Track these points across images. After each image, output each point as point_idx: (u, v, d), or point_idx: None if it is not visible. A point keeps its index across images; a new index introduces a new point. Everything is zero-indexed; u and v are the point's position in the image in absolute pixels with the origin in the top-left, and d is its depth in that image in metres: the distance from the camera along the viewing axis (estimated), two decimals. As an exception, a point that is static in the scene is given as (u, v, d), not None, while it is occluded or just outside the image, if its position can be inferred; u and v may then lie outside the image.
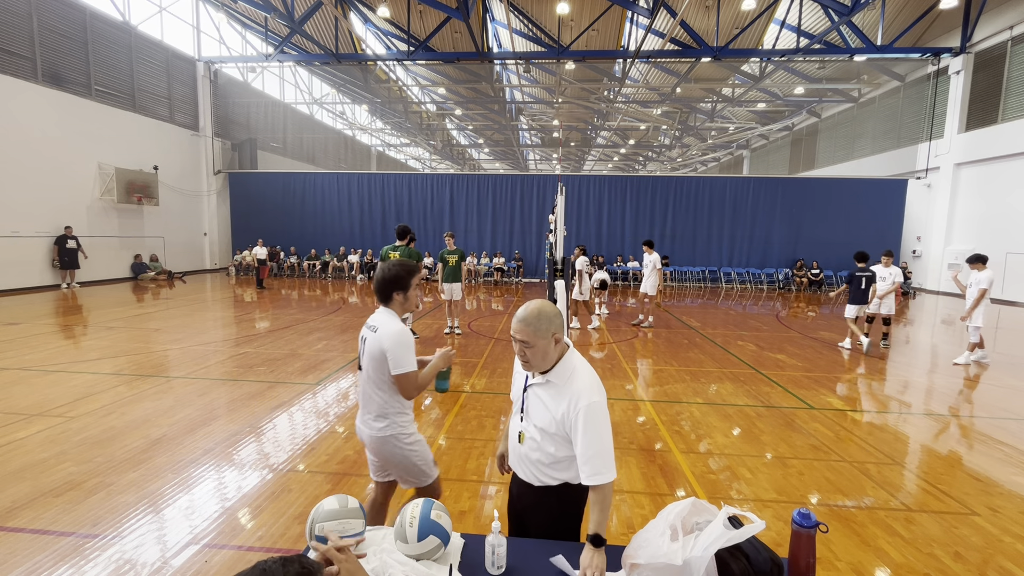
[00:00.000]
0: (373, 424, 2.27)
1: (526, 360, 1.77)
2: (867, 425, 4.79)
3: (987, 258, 7.34)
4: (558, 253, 4.55)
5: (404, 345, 2.15)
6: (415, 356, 2.20)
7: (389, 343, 2.15)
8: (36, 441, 4.02)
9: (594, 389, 1.75)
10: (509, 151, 37.28)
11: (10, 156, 12.49)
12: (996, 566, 2.70)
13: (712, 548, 1.28)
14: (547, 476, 1.82)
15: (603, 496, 1.66)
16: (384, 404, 2.25)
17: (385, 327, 2.19)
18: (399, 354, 2.14)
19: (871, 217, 17.67)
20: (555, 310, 1.77)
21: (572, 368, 1.79)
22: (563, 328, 1.79)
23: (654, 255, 9.75)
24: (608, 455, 1.68)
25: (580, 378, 1.76)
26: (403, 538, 1.57)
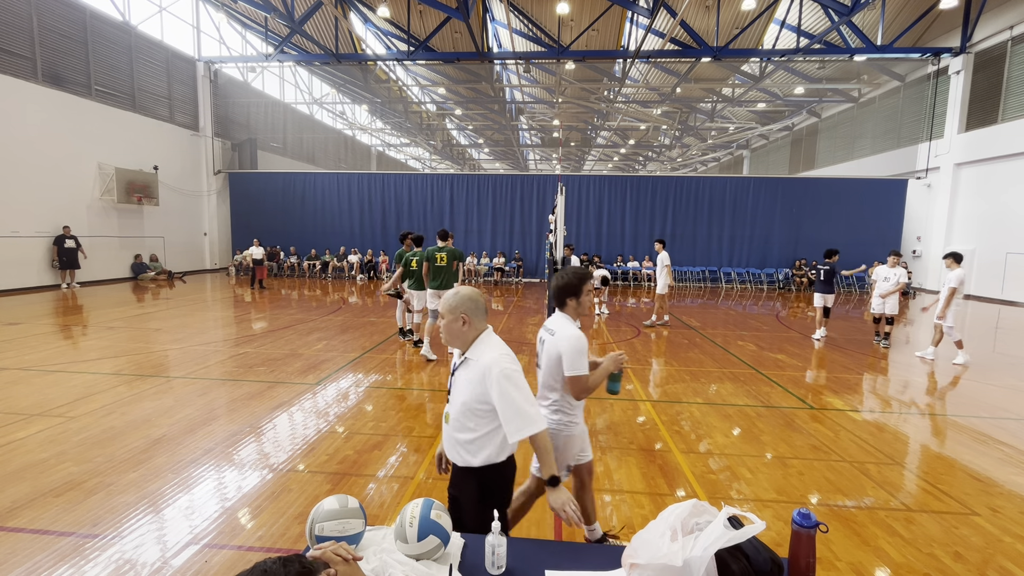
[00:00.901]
0: (549, 417, 2.40)
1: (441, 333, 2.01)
2: (867, 425, 4.79)
3: (962, 256, 7.37)
4: (558, 253, 4.55)
5: (578, 350, 2.28)
6: (588, 360, 2.32)
7: (565, 346, 2.29)
8: (36, 441, 4.02)
9: (505, 358, 1.88)
10: (509, 151, 37.28)
11: (10, 156, 12.49)
12: (996, 566, 2.70)
13: (712, 548, 1.28)
14: (469, 455, 1.93)
15: (538, 444, 1.86)
16: (556, 401, 2.41)
17: (562, 331, 2.35)
18: (573, 358, 2.27)
19: (871, 217, 17.68)
20: (473, 296, 1.96)
21: (486, 346, 1.94)
22: (476, 313, 1.95)
23: (663, 253, 9.75)
24: (527, 412, 1.83)
25: (492, 351, 1.91)
26: (403, 538, 1.57)
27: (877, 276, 8.51)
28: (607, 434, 4.44)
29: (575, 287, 2.40)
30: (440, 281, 7.23)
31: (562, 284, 2.42)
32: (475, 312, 1.95)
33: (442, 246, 7.36)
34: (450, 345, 2.01)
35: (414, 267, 7.46)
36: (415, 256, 7.53)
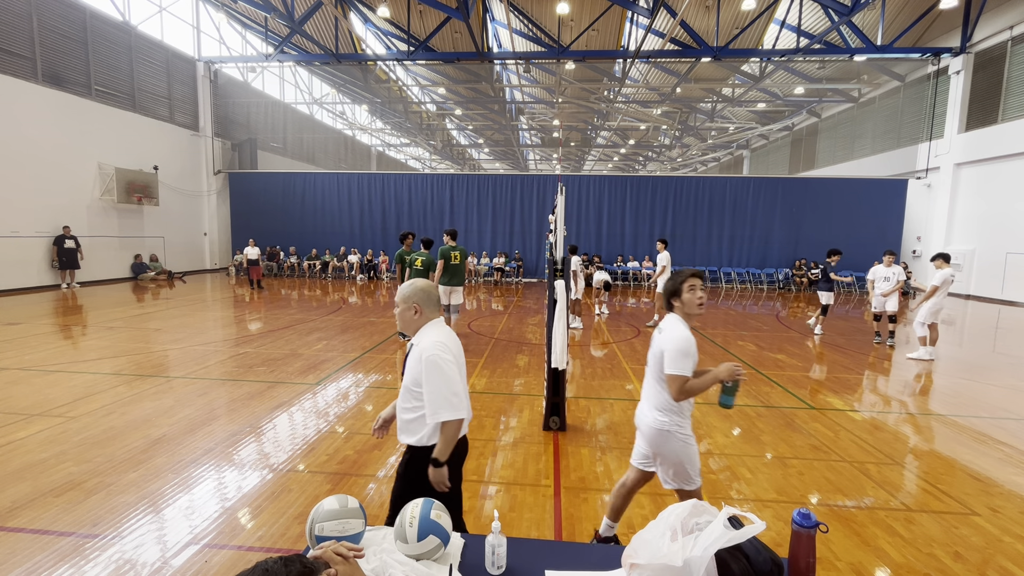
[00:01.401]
0: (654, 415, 2.46)
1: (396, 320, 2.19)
2: (867, 425, 4.79)
3: (949, 257, 7.63)
4: (558, 253, 4.54)
5: (681, 350, 2.31)
6: (692, 363, 2.33)
7: (669, 345, 2.35)
8: (36, 441, 4.02)
9: (438, 345, 2.00)
10: (509, 151, 37.28)
11: (10, 156, 12.49)
12: (996, 566, 2.70)
13: (712, 548, 1.28)
14: (407, 434, 2.10)
15: (446, 432, 1.98)
16: (664, 400, 2.43)
17: (669, 331, 2.40)
18: (674, 356, 2.32)
19: (871, 217, 17.68)
20: (427, 289, 2.13)
21: (428, 333, 2.08)
22: (427, 304, 2.11)
23: (664, 253, 9.75)
24: (446, 399, 1.95)
25: (430, 338, 2.05)
26: (403, 538, 1.57)
27: (876, 276, 8.51)
28: (607, 434, 4.44)
29: (677, 288, 2.47)
30: (456, 278, 7.62)
31: (667, 287, 2.52)
32: (427, 303, 2.11)
33: (455, 244, 7.68)
34: (403, 331, 2.16)
35: (419, 266, 7.51)
36: (421, 256, 7.57)
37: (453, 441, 2.00)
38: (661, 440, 2.43)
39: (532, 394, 5.54)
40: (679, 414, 2.43)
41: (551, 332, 4.36)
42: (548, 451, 4.05)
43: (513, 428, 4.54)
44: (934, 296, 7.42)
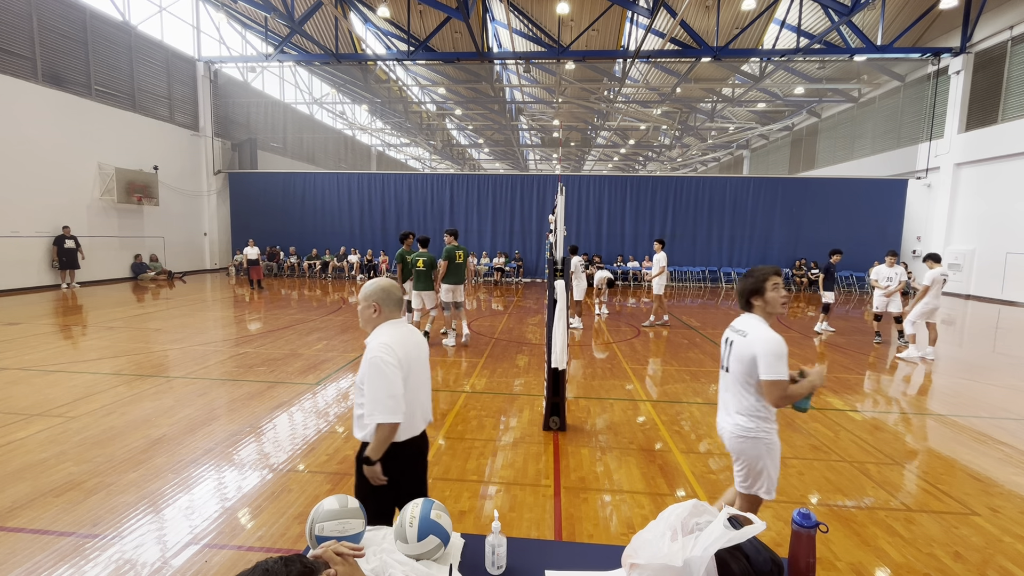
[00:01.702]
0: (737, 420, 2.34)
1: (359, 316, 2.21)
2: (867, 425, 4.79)
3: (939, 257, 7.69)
4: (558, 253, 4.54)
5: (776, 353, 2.20)
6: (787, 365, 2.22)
7: (762, 348, 2.22)
8: (36, 441, 4.02)
9: (382, 347, 2.00)
10: (509, 151, 37.28)
11: (10, 156, 12.49)
12: (996, 566, 2.70)
13: (712, 548, 1.28)
14: (358, 428, 2.09)
15: (379, 433, 1.98)
16: (750, 405, 2.31)
17: (756, 332, 2.27)
18: (770, 361, 2.19)
19: (871, 217, 17.68)
20: (387, 288, 2.14)
21: (379, 333, 2.09)
22: (386, 303, 2.13)
23: (661, 254, 9.74)
24: (382, 402, 1.96)
25: (378, 338, 2.05)
26: (403, 538, 1.57)
27: (879, 276, 8.49)
28: (607, 434, 4.44)
29: (759, 286, 2.34)
30: (459, 277, 7.67)
31: (745, 286, 2.38)
32: (386, 302, 2.13)
33: (457, 244, 7.74)
34: (363, 327, 2.20)
35: (421, 267, 7.53)
36: (422, 256, 7.58)
37: (386, 442, 2.00)
38: (747, 446, 2.32)
39: (532, 394, 5.54)
40: (767, 419, 2.31)
41: (551, 332, 4.36)
42: (548, 451, 4.05)
43: (513, 428, 4.54)
44: (925, 296, 7.48)
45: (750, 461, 2.33)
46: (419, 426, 2.17)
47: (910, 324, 7.59)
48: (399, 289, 2.20)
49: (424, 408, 2.21)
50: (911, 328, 7.57)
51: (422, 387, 2.19)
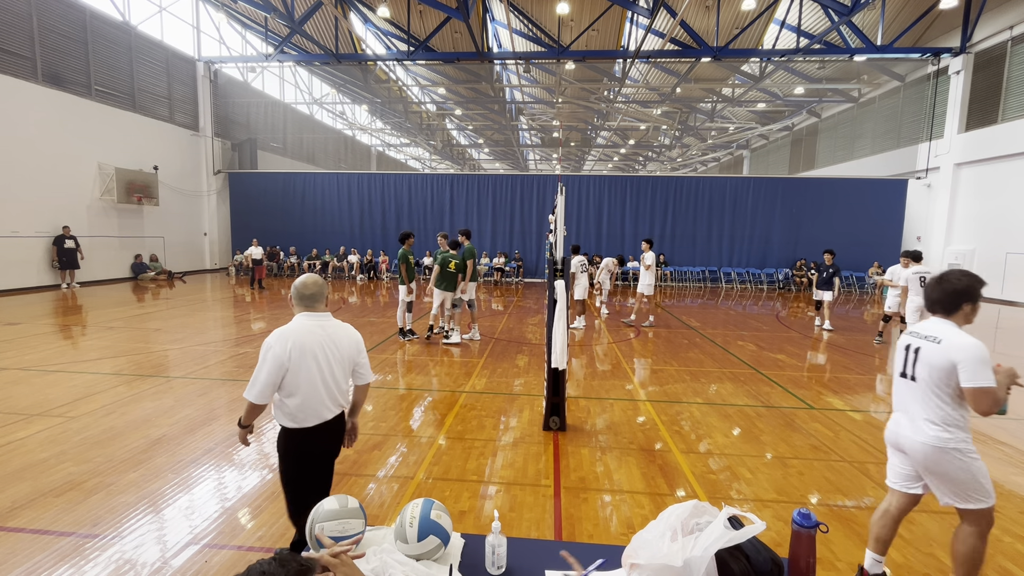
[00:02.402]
0: (934, 432, 2.20)
1: None
2: (867, 425, 4.79)
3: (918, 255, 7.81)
4: (558, 253, 4.54)
5: (982, 359, 2.10)
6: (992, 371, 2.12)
7: (964, 356, 2.11)
8: (36, 441, 4.02)
9: (274, 335, 2.24)
10: (509, 151, 37.28)
11: (10, 156, 12.49)
12: (996, 566, 2.70)
13: (712, 548, 1.28)
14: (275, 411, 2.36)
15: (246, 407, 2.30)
16: (948, 415, 2.19)
17: (953, 339, 2.16)
18: (976, 368, 2.09)
19: (871, 217, 17.68)
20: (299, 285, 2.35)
21: (291, 322, 2.33)
22: (297, 298, 2.35)
23: (649, 253, 9.74)
24: (255, 381, 2.23)
25: (284, 327, 2.29)
26: (403, 538, 1.57)
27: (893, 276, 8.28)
28: (607, 434, 4.44)
29: (975, 291, 2.21)
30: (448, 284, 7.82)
31: (961, 287, 2.21)
32: (297, 297, 2.35)
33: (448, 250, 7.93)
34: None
35: (452, 269, 7.63)
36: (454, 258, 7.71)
37: (249, 413, 2.32)
38: (945, 459, 2.17)
39: (532, 394, 5.54)
40: (964, 428, 2.18)
41: (551, 332, 4.36)
42: (548, 451, 4.05)
43: (513, 428, 4.54)
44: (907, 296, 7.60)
45: (955, 475, 2.18)
46: (326, 413, 2.34)
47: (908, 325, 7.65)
48: (316, 285, 2.36)
49: (332, 395, 2.35)
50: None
51: (327, 378, 2.31)
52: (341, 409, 2.43)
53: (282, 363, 2.19)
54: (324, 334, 2.31)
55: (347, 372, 2.43)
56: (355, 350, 2.45)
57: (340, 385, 2.38)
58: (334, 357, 2.33)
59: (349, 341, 2.42)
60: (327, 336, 2.32)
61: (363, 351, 2.52)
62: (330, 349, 2.32)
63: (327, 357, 2.30)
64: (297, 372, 2.22)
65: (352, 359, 2.43)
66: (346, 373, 2.42)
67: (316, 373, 2.26)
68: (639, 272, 10.12)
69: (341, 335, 2.39)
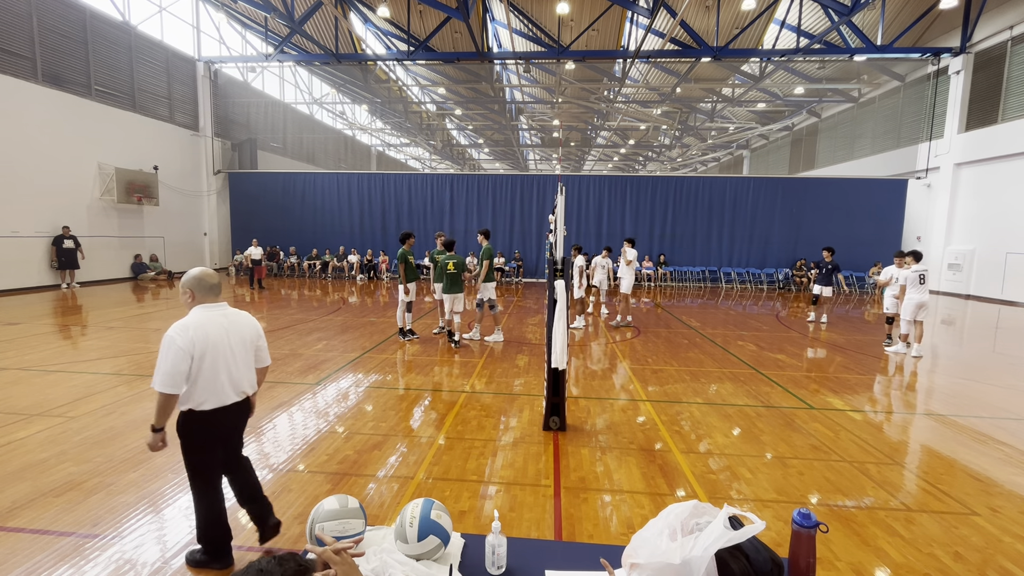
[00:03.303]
0: None
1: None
2: (867, 425, 4.79)
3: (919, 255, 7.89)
4: (558, 253, 4.54)
5: None
6: None
7: None
8: (36, 441, 4.02)
9: (175, 327, 2.29)
10: (509, 151, 37.28)
11: (10, 156, 12.49)
12: (996, 566, 2.70)
13: (712, 548, 1.28)
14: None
15: (158, 400, 2.28)
16: None
17: None
18: None
19: (871, 217, 17.68)
20: (200, 277, 2.40)
21: (190, 315, 2.38)
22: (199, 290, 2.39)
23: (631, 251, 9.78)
24: (160, 373, 2.24)
25: (184, 319, 2.34)
26: (403, 538, 1.57)
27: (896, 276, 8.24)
28: (607, 434, 4.44)
29: None
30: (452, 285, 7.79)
31: None
32: (198, 289, 2.40)
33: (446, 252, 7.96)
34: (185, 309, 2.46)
35: (451, 269, 7.60)
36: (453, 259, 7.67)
37: (161, 409, 2.29)
38: None
39: (532, 394, 5.54)
40: None
41: (551, 332, 4.36)
42: (548, 451, 4.05)
43: (513, 428, 4.54)
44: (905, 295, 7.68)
45: None
46: (228, 400, 2.42)
47: (905, 323, 7.71)
48: (214, 278, 2.45)
49: (236, 382, 2.45)
50: (906, 327, 7.71)
51: (231, 364, 2.41)
52: (245, 395, 2.53)
53: (187, 353, 2.27)
54: (227, 322, 2.43)
55: (250, 357, 2.56)
56: (255, 335, 2.58)
57: (243, 371, 2.50)
58: (237, 344, 2.46)
59: (249, 328, 2.56)
60: (230, 323, 2.44)
61: (262, 336, 2.65)
62: (233, 336, 2.44)
63: (230, 345, 2.42)
64: (201, 360, 2.31)
65: (253, 344, 2.57)
66: (249, 358, 2.54)
67: (220, 361, 2.37)
68: (639, 272, 10.12)
69: (242, 322, 2.52)
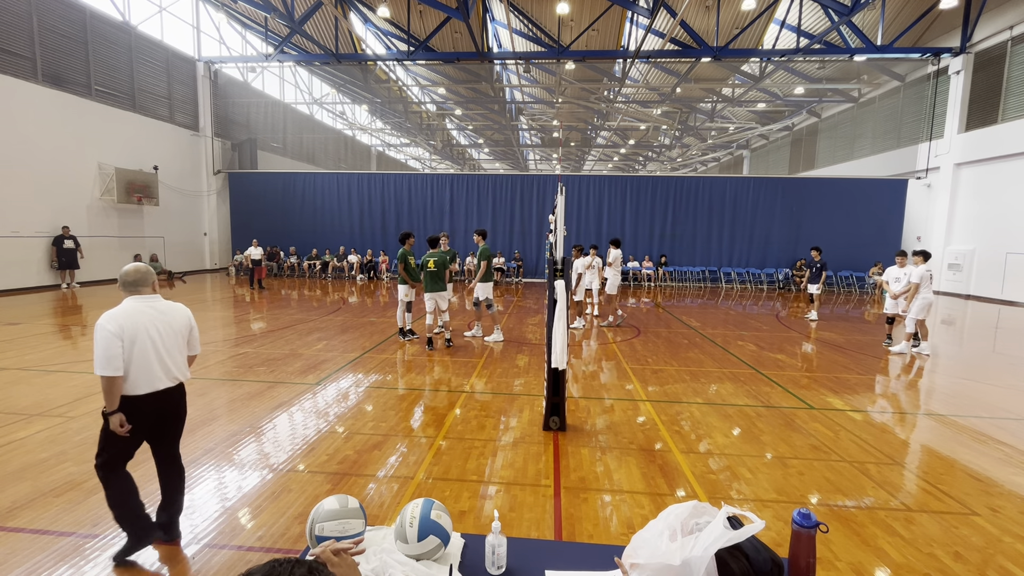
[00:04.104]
0: None
1: None
2: (867, 425, 4.79)
3: (928, 254, 7.89)
4: (558, 253, 4.55)
5: None
6: None
7: None
8: (36, 441, 4.02)
9: (104, 316, 2.43)
10: (509, 151, 37.28)
11: (10, 156, 12.49)
12: (996, 566, 2.70)
13: (712, 548, 1.28)
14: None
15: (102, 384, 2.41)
16: None
17: None
18: None
19: (871, 217, 17.68)
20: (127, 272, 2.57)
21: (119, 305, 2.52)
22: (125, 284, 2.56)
23: (616, 251, 9.84)
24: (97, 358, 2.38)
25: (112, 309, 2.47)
26: (403, 538, 1.57)
27: (888, 277, 8.34)
28: (607, 434, 4.44)
29: None
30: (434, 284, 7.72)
31: None
32: (124, 283, 2.57)
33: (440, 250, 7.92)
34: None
35: (432, 268, 7.51)
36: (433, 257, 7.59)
37: (106, 392, 2.41)
38: None
39: (532, 394, 5.54)
40: None
41: (551, 332, 4.36)
42: (548, 451, 4.05)
43: (513, 428, 4.54)
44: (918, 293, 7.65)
45: None
46: (159, 384, 2.54)
47: (912, 322, 7.67)
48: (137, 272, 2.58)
49: (167, 367, 2.58)
50: (912, 327, 7.69)
51: (160, 349, 2.54)
52: (177, 381, 2.66)
53: (116, 337, 2.41)
54: (155, 312, 2.57)
55: (182, 345, 2.69)
56: (186, 325, 2.72)
57: (175, 357, 2.63)
58: (166, 331, 2.59)
59: (181, 317, 2.70)
60: (158, 314, 2.58)
61: (194, 326, 2.80)
62: (162, 325, 2.57)
63: (159, 332, 2.55)
64: (131, 346, 2.45)
65: (184, 332, 2.71)
66: (181, 346, 2.68)
67: (149, 347, 2.50)
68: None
69: (173, 312, 2.66)
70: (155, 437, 2.68)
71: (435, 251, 7.75)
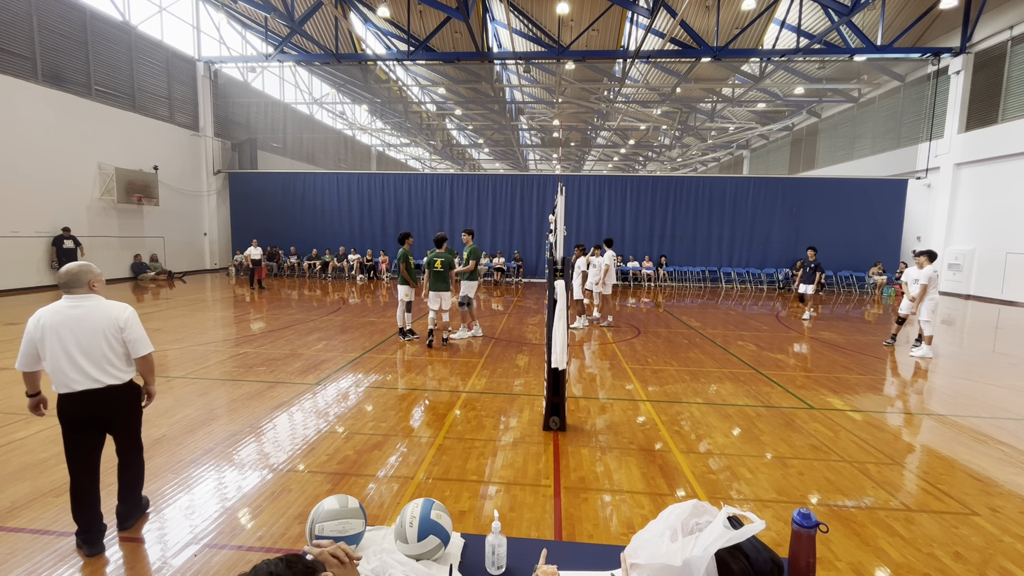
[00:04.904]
0: None
1: None
2: (867, 425, 4.79)
3: (934, 254, 7.81)
4: (558, 253, 4.54)
5: None
6: None
7: None
8: (36, 441, 4.02)
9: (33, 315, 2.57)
10: (509, 151, 37.28)
11: (10, 156, 12.49)
12: (996, 566, 2.70)
13: (712, 548, 1.28)
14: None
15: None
16: None
17: None
18: None
19: (871, 217, 17.68)
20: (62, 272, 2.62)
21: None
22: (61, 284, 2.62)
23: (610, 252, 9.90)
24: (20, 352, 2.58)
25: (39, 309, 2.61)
26: (403, 538, 1.57)
27: (907, 278, 8.12)
28: (607, 434, 4.44)
29: None
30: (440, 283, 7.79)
31: None
32: (60, 283, 2.64)
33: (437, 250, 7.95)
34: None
35: (439, 267, 7.56)
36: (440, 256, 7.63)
37: (25, 380, 2.64)
38: None
39: (532, 394, 5.54)
40: None
41: (551, 332, 4.36)
42: (548, 451, 4.05)
43: (513, 428, 4.54)
44: (926, 294, 7.60)
45: None
46: (75, 385, 2.55)
47: (928, 325, 7.60)
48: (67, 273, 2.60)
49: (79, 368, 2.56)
50: (929, 329, 7.61)
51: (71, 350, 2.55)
52: (102, 384, 2.61)
53: (32, 337, 2.54)
54: (68, 314, 2.58)
55: (105, 347, 2.63)
56: (112, 328, 2.64)
57: (95, 358, 2.60)
58: (82, 332, 2.58)
59: (104, 318, 2.64)
60: (70, 316, 2.58)
61: (127, 328, 2.70)
62: (75, 324, 2.57)
63: (72, 332, 2.56)
64: (42, 346, 2.54)
65: (108, 336, 2.64)
66: (103, 347, 2.62)
67: (58, 347, 2.54)
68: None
69: (96, 312, 2.62)
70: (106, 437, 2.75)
71: (441, 251, 7.82)
